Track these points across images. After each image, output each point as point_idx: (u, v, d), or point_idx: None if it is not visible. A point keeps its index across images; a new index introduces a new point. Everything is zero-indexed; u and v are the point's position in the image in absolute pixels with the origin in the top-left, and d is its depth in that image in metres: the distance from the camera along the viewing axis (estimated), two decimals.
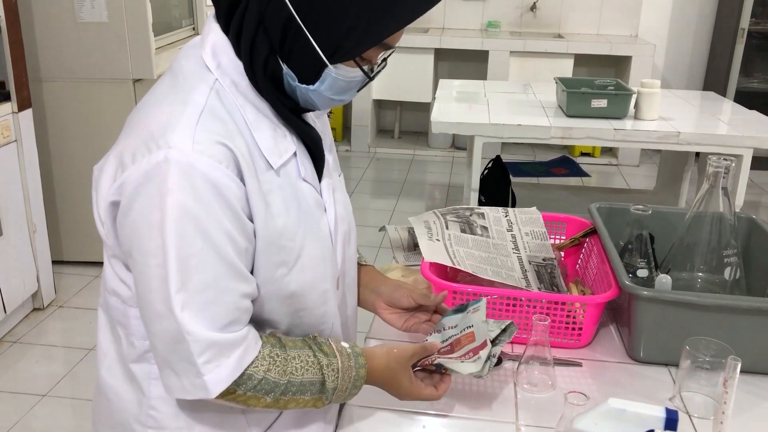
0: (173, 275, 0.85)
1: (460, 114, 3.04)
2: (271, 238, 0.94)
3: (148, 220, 0.86)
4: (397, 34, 0.92)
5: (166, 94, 0.93)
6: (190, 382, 0.89)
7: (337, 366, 0.98)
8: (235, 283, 0.90)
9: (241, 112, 0.93)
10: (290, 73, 0.93)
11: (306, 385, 0.96)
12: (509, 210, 1.56)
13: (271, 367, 0.93)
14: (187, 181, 0.85)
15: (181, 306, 0.86)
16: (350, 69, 0.93)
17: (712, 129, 2.89)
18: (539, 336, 1.15)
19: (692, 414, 1.11)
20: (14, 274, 2.83)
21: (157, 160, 0.85)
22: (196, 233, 0.86)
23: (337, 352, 0.99)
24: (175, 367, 0.89)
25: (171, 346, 0.88)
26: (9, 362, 2.69)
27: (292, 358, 0.95)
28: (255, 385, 0.92)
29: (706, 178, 1.33)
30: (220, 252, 0.88)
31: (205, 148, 0.86)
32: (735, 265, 1.34)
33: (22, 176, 2.85)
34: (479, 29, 5.54)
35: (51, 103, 3.19)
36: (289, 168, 0.98)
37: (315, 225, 1.01)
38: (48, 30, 3.08)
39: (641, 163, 5.38)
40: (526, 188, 4.08)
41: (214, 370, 0.88)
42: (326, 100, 0.97)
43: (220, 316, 0.89)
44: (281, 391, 0.94)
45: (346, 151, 5.52)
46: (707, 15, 5.42)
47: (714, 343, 1.12)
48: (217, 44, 0.94)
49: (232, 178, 0.88)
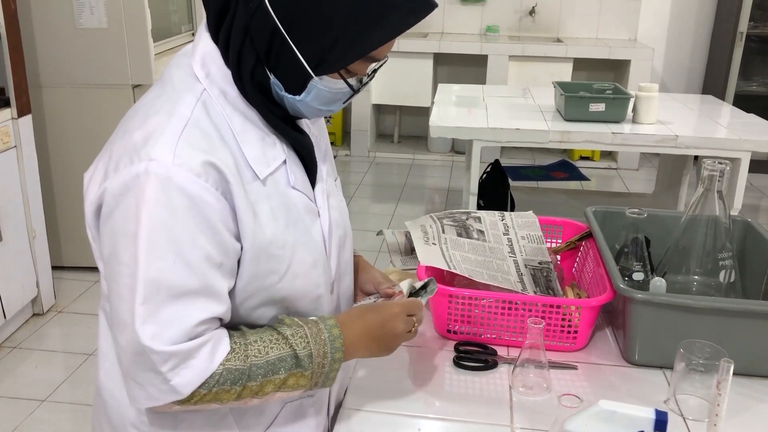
0: (140, 287, 0.85)
1: (459, 118, 3.05)
2: (260, 247, 0.94)
3: (124, 230, 0.87)
4: (384, 47, 0.92)
5: (153, 103, 0.94)
6: (156, 389, 0.88)
7: (305, 332, 0.96)
8: (204, 302, 0.89)
9: (228, 123, 0.93)
10: (277, 83, 0.94)
11: (275, 363, 0.93)
12: (505, 214, 1.57)
13: (231, 356, 0.92)
14: (164, 194, 0.85)
15: (143, 319, 0.86)
16: (336, 81, 0.93)
17: (710, 132, 2.90)
18: (534, 339, 1.15)
19: (686, 416, 1.11)
20: (14, 279, 2.83)
21: (137, 171, 0.86)
22: (168, 247, 0.86)
23: (301, 321, 0.97)
24: (139, 377, 0.88)
25: (132, 357, 0.87)
26: (8, 367, 2.70)
27: (253, 342, 0.94)
28: (217, 380, 0.90)
29: (701, 182, 1.34)
30: (192, 267, 0.87)
31: (185, 162, 0.86)
32: (730, 268, 1.35)
33: (22, 182, 2.86)
34: (478, 34, 5.56)
35: (50, 108, 3.20)
36: (278, 176, 0.98)
37: (306, 232, 1.01)
38: (47, 36, 3.09)
39: (641, 167, 5.39)
40: (525, 192, 4.09)
41: (180, 373, 0.88)
42: (314, 110, 0.97)
43: (183, 332, 0.87)
44: (247, 377, 0.92)
45: (346, 155, 5.53)
46: (706, 18, 5.43)
47: (708, 345, 1.12)
48: (207, 53, 0.95)
49: (211, 193, 0.88)
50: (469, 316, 1.30)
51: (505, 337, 1.31)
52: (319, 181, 1.07)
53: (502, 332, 1.31)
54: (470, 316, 1.30)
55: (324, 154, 1.11)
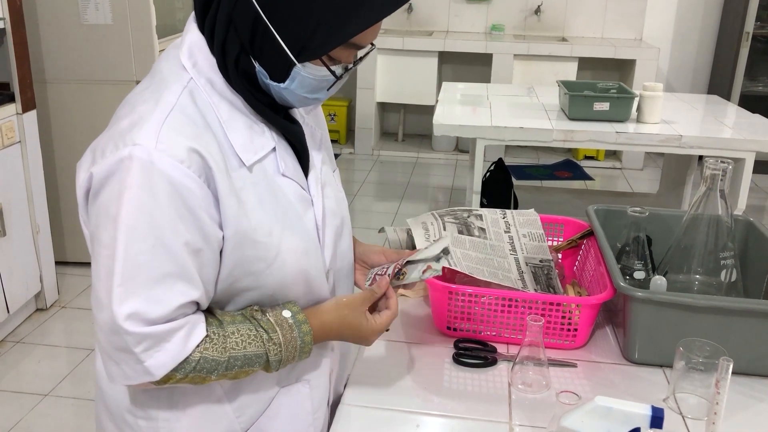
0: (119, 269, 0.87)
1: (463, 117, 3.04)
2: (245, 233, 0.94)
3: (106, 212, 0.88)
4: (367, 34, 0.93)
5: (141, 93, 0.95)
6: (131, 368, 0.90)
7: (279, 340, 0.98)
8: (183, 286, 0.90)
9: (214, 111, 0.95)
10: (262, 71, 0.95)
11: (251, 358, 0.96)
12: (507, 212, 1.56)
13: (209, 345, 0.93)
14: (146, 179, 0.87)
15: (120, 300, 0.87)
16: (320, 68, 0.94)
17: (714, 132, 2.89)
18: (534, 336, 1.15)
19: (686, 415, 1.11)
20: (17, 274, 2.84)
21: (121, 156, 0.87)
22: (148, 230, 0.87)
23: (276, 326, 0.98)
24: (114, 356, 0.90)
25: (108, 337, 0.89)
26: (12, 362, 2.71)
27: (231, 333, 0.95)
28: (194, 367, 0.92)
29: (704, 181, 1.33)
30: (170, 252, 0.88)
31: (167, 147, 0.88)
32: (731, 268, 1.34)
33: (26, 177, 2.87)
34: (483, 32, 5.55)
35: (55, 104, 3.21)
36: (266, 164, 0.99)
37: (296, 220, 1.01)
38: (52, 32, 3.10)
39: (645, 167, 5.38)
40: (529, 191, 4.08)
41: (153, 355, 0.89)
42: (299, 98, 0.98)
43: (159, 315, 0.89)
44: (224, 367, 0.94)
45: (350, 153, 5.54)
46: (712, 18, 5.42)
47: (708, 344, 1.12)
48: (194, 43, 0.96)
49: (193, 179, 0.89)
50: (469, 313, 1.30)
51: (505, 335, 1.31)
52: (312, 169, 1.07)
53: (502, 329, 1.31)
54: (470, 313, 1.30)
55: (319, 144, 1.11)
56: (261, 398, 1.07)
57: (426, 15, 5.62)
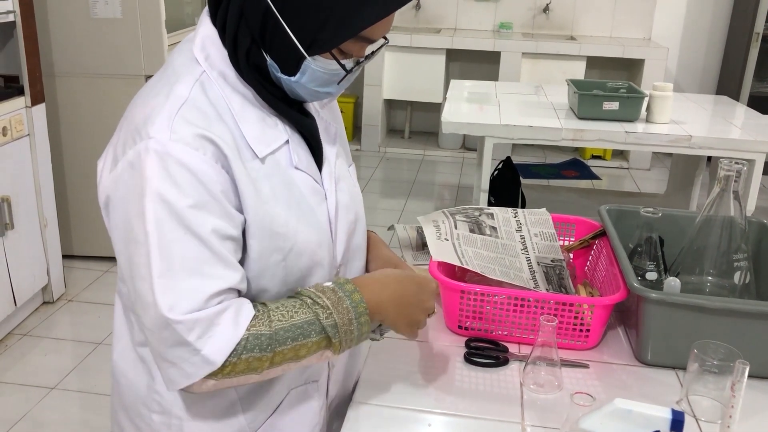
0: (155, 262, 0.86)
1: (471, 114, 3.04)
2: (263, 223, 0.94)
3: (133, 210, 0.88)
4: (378, 27, 0.92)
5: (154, 86, 0.95)
6: (189, 363, 0.88)
7: (325, 303, 0.95)
8: (221, 270, 0.89)
9: (227, 103, 0.94)
10: (274, 64, 0.95)
11: (301, 326, 0.93)
12: (518, 211, 1.56)
13: (255, 322, 0.91)
14: (163, 169, 0.86)
15: (162, 292, 0.86)
16: (330, 61, 0.94)
17: (724, 133, 2.88)
18: (546, 337, 1.15)
19: (699, 418, 1.10)
20: (25, 267, 2.85)
21: (138, 150, 0.88)
22: (175, 219, 0.87)
23: (319, 292, 0.96)
24: (169, 355, 0.88)
25: (159, 335, 0.88)
26: (18, 355, 2.71)
27: (275, 308, 0.93)
28: (244, 346, 0.89)
29: (717, 182, 1.32)
30: (201, 238, 0.88)
31: (181, 137, 0.88)
32: (745, 270, 1.33)
33: (34, 170, 2.87)
34: (491, 30, 5.54)
35: (64, 98, 3.21)
36: (279, 156, 0.98)
37: (310, 212, 1.01)
38: (62, 26, 3.10)
39: (652, 167, 5.36)
40: (536, 190, 4.07)
41: (208, 342, 0.87)
42: (310, 92, 0.98)
43: (200, 302, 0.87)
44: (276, 342, 0.91)
45: (357, 150, 5.53)
46: (721, 18, 5.39)
47: (722, 346, 1.11)
48: (207, 36, 0.96)
49: (210, 165, 0.89)
50: (480, 313, 1.30)
51: (516, 334, 1.30)
52: (326, 163, 1.07)
53: (513, 329, 1.30)
54: (482, 313, 1.30)
55: (333, 138, 1.11)
56: (272, 402, 1.06)
57: (434, 12, 5.60)
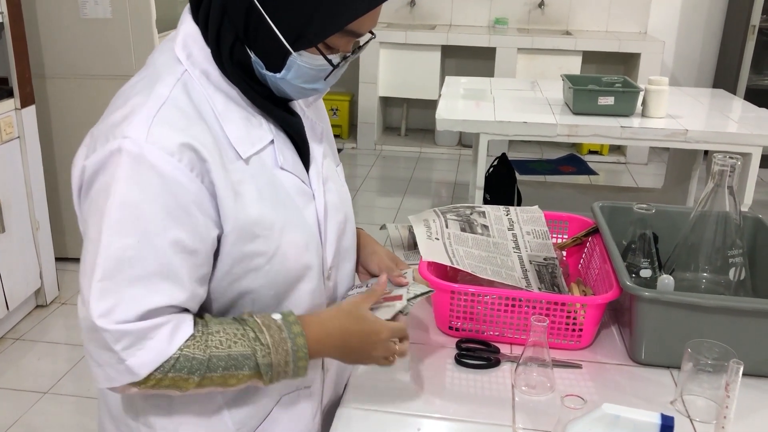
0: (100, 264, 0.84)
1: (466, 111, 3.01)
2: (244, 227, 0.92)
3: (95, 206, 0.86)
4: (365, 21, 0.90)
5: (134, 86, 0.93)
6: (113, 369, 0.86)
7: (266, 341, 0.91)
8: (168, 285, 0.87)
9: (209, 103, 0.92)
10: (258, 61, 0.93)
11: (236, 358, 0.90)
12: (511, 209, 1.54)
13: (191, 343, 0.89)
14: (135, 172, 0.84)
15: (98, 296, 0.84)
16: (316, 57, 0.92)
17: (720, 127, 2.86)
18: (538, 337, 1.13)
19: (694, 418, 1.08)
20: (17, 270, 2.82)
21: (111, 149, 0.85)
22: (133, 225, 0.84)
23: (264, 327, 0.92)
24: (96, 356, 0.87)
25: (88, 335, 0.86)
26: (11, 359, 2.69)
27: (215, 332, 0.91)
28: (173, 366, 0.87)
29: (711, 177, 1.30)
30: (156, 249, 0.85)
31: (158, 140, 0.85)
32: (740, 266, 1.31)
33: (25, 173, 2.85)
34: (487, 26, 5.51)
35: (54, 99, 3.18)
36: (264, 156, 0.96)
37: (297, 214, 0.99)
38: (52, 26, 3.08)
39: (650, 162, 5.33)
40: (533, 186, 4.05)
41: (136, 354, 0.85)
42: (297, 89, 0.95)
43: (136, 314, 0.85)
44: (206, 367, 0.89)
45: (353, 148, 5.51)
46: (717, 12, 5.36)
47: (717, 345, 1.09)
48: (188, 35, 0.94)
49: (184, 174, 0.86)
50: (471, 313, 1.28)
51: (508, 335, 1.28)
52: (313, 163, 1.04)
53: (505, 329, 1.28)
54: (473, 313, 1.28)
55: (320, 138, 1.08)
56: (263, 410, 1.04)
57: (429, 9, 5.57)
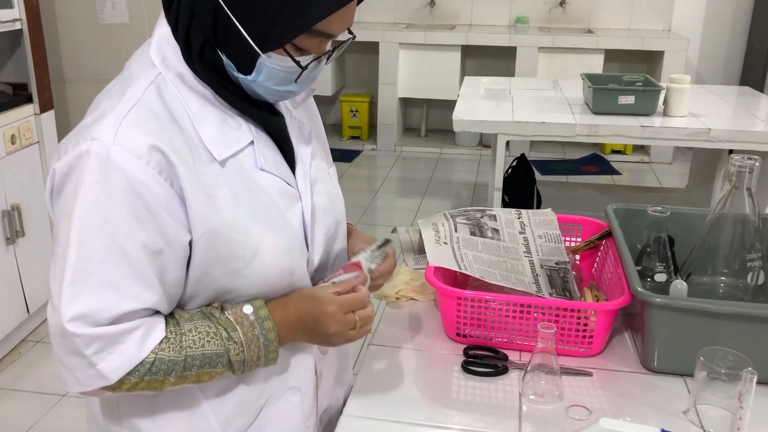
0: (69, 268, 0.84)
1: (483, 112, 2.98)
2: (217, 232, 0.90)
3: (64, 210, 0.86)
4: (333, 21, 0.88)
5: (109, 91, 0.93)
6: (83, 374, 0.86)
7: (240, 339, 0.92)
8: (139, 289, 0.86)
9: (183, 105, 0.91)
10: (230, 63, 0.92)
11: (211, 357, 0.91)
12: (522, 211, 1.51)
13: (165, 345, 0.89)
14: (102, 175, 0.83)
15: (68, 301, 0.84)
16: (285, 58, 0.90)
17: (745, 125, 2.79)
18: (546, 344, 1.10)
19: (707, 429, 1.04)
20: (37, 274, 2.85)
21: (80, 151, 0.85)
22: (102, 229, 0.84)
23: (236, 324, 0.93)
24: (65, 360, 0.86)
25: (57, 339, 0.86)
26: (32, 362, 2.72)
27: (188, 331, 0.91)
28: (149, 369, 0.88)
29: (729, 178, 1.26)
30: (125, 252, 0.85)
31: (126, 142, 0.84)
32: (758, 269, 1.27)
33: (44, 178, 2.87)
34: (507, 25, 5.46)
35: (73, 104, 3.22)
36: (242, 159, 0.95)
37: (278, 216, 0.97)
38: (70, 32, 3.11)
39: (674, 161, 5.25)
40: (553, 187, 4.00)
41: (106, 358, 0.85)
42: (270, 91, 0.94)
43: (108, 318, 0.85)
44: (182, 367, 0.90)
45: (372, 149, 5.50)
46: (744, 7, 5.26)
47: (731, 353, 1.05)
48: (162, 37, 0.93)
49: (152, 177, 0.85)
50: (479, 319, 1.25)
51: (517, 341, 1.25)
52: (299, 164, 1.03)
53: (514, 336, 1.25)
54: (481, 319, 1.25)
55: (308, 138, 1.07)
56: (248, 409, 1.02)
57: (448, 8, 5.54)
